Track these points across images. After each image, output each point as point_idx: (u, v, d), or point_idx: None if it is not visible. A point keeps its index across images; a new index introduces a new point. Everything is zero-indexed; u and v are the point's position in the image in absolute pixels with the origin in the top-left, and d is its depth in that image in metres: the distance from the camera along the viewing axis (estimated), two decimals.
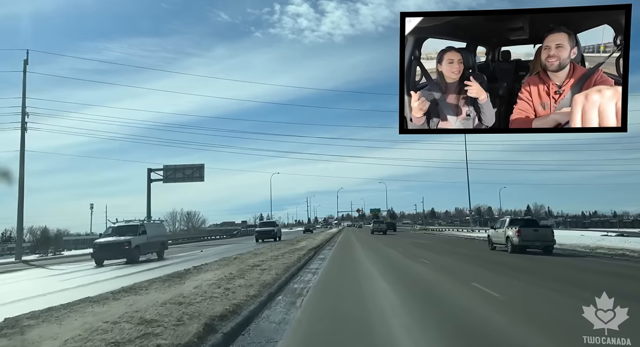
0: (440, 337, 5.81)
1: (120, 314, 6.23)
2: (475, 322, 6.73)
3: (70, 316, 6.40)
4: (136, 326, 5.52)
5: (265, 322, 7.01)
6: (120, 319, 5.88)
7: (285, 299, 9.13)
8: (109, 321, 5.76)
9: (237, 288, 8.99)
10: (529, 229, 20.24)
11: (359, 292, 9.74)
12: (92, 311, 6.74)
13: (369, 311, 7.57)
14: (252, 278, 10.64)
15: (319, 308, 8.22)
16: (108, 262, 20.78)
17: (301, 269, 15.16)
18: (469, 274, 12.78)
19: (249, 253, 20.14)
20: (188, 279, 10.73)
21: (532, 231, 20.13)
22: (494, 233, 23.04)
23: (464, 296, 9.14)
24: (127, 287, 9.50)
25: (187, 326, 5.56)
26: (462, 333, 6.06)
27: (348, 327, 6.52)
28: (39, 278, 17.96)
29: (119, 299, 7.78)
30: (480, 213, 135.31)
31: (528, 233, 19.92)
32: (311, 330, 6.52)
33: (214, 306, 6.98)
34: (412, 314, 7.32)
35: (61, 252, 38.39)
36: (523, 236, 19.77)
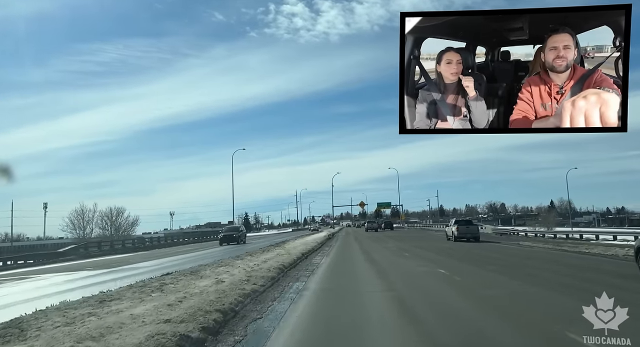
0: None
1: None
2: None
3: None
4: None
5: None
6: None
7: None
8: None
9: None
10: (463, 226, 30.83)
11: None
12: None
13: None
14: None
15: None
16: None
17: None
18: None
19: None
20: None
21: (465, 228, 30.54)
22: (447, 229, 33.54)
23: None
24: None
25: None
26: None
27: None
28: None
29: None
30: (495, 210, 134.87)
31: (463, 229, 30.28)
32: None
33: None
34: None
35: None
36: (460, 231, 30.08)
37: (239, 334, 6.14)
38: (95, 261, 27.26)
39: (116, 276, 15.93)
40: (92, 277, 16.66)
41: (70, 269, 21.90)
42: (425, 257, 18.62)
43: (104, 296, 8.63)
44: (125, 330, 5.60)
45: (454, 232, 30.32)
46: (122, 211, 70.01)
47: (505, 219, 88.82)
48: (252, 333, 6.22)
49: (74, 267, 23.37)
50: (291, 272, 13.98)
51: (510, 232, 46.81)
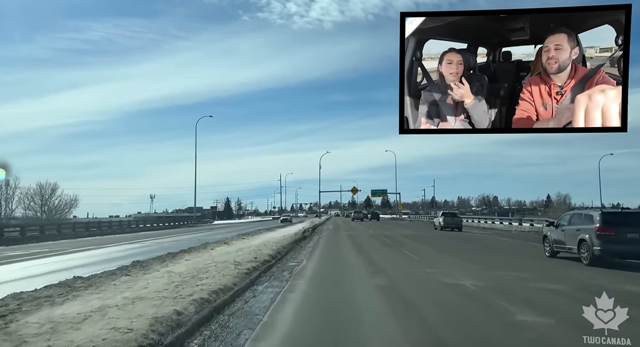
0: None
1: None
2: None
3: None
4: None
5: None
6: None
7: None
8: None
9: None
10: (449, 217, 36.22)
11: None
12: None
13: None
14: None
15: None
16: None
17: None
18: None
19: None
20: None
21: (450, 219, 35.88)
22: (435, 220, 39.76)
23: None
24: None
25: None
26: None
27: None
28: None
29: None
30: (489, 203, 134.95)
31: (448, 220, 35.54)
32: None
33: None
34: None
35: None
36: (445, 221, 35.29)
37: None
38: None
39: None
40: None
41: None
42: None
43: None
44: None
45: (440, 223, 35.78)
46: (55, 187, 58.97)
47: (502, 213, 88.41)
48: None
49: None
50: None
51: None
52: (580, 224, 13.31)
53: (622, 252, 12.11)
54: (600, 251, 12.13)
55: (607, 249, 12.04)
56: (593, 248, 12.30)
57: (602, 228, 12.29)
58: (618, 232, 12.09)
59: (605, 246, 12.06)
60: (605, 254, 12.09)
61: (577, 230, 13.30)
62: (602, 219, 12.47)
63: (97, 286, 8.05)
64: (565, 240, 13.97)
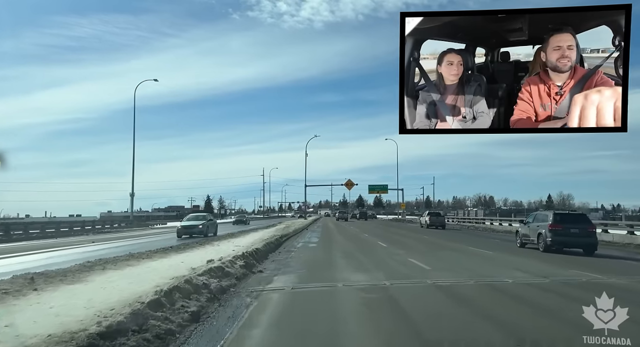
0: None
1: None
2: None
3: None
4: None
5: None
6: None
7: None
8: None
9: None
10: (434, 217, 40.09)
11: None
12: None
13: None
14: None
15: None
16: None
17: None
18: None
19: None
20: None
21: (436, 218, 39.80)
22: (421, 219, 43.91)
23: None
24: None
25: None
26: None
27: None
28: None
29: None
30: (485, 203, 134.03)
31: (433, 219, 39.42)
32: None
33: None
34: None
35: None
36: (431, 220, 39.27)
37: None
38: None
39: None
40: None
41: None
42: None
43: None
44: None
45: (426, 221, 39.83)
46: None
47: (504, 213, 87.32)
48: None
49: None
50: None
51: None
52: (540, 222, 17.26)
53: (566, 243, 16.14)
54: (551, 241, 16.20)
55: (555, 240, 16.15)
56: (546, 239, 16.37)
57: (553, 224, 16.32)
58: (564, 227, 16.13)
59: (554, 237, 16.15)
60: (555, 243, 16.14)
61: (537, 226, 17.34)
62: (554, 218, 16.47)
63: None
64: (530, 234, 18.04)
